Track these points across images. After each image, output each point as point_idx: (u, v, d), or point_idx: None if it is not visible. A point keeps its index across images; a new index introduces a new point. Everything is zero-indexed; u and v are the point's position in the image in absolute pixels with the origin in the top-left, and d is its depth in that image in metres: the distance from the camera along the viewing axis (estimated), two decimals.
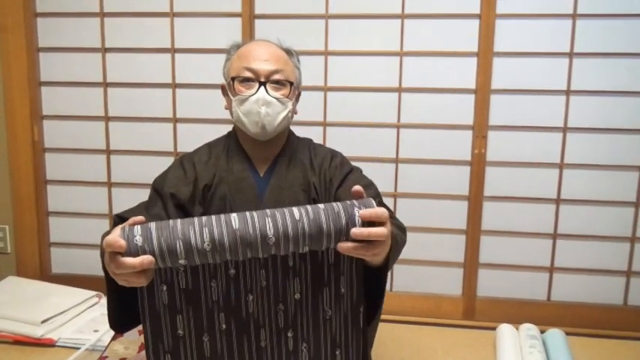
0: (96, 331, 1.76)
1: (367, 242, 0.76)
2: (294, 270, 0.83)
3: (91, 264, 2.15)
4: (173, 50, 2.03)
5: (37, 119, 2.12)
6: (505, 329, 1.81)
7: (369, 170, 1.33)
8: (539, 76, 1.89)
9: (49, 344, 1.72)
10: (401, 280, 2.07)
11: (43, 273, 2.21)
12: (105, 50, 2.06)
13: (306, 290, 0.84)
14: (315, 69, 1.97)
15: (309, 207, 0.76)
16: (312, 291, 0.84)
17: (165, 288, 0.81)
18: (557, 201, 1.95)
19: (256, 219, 0.74)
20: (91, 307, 1.95)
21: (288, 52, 1.21)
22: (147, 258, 0.72)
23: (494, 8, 1.86)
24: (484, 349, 1.81)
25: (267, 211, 0.76)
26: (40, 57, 2.10)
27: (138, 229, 0.73)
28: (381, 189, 1.96)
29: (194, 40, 2.02)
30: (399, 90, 1.96)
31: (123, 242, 0.72)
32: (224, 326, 0.84)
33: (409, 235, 1.98)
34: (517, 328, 1.84)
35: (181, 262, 0.73)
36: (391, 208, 2.01)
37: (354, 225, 0.74)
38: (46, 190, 2.19)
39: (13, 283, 2.06)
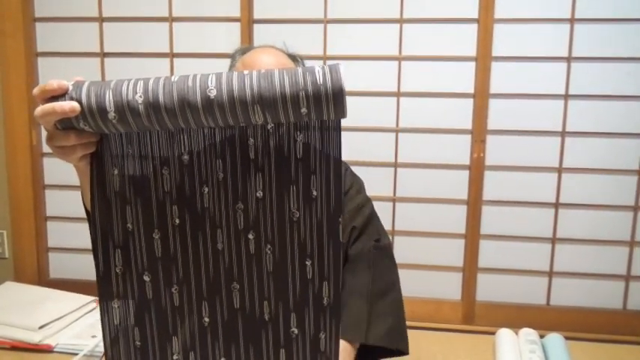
0: (94, 336, 1.76)
1: None
2: (255, 164, 0.74)
3: (90, 269, 2.14)
4: (172, 55, 2.03)
5: (35, 124, 2.11)
6: (504, 334, 1.81)
7: (367, 175, 1.33)
8: (538, 81, 1.89)
9: (46, 350, 1.71)
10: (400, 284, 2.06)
11: (41, 278, 2.20)
12: (104, 55, 2.06)
13: (270, 188, 0.74)
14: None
15: (262, 69, 0.68)
16: (277, 189, 0.74)
17: (116, 172, 0.73)
18: (556, 205, 1.95)
19: (198, 75, 0.65)
20: (89, 312, 1.94)
21: (294, 59, 1.15)
22: (70, 103, 0.63)
23: (492, 13, 1.87)
24: (483, 353, 1.80)
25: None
26: (39, 62, 2.10)
27: (73, 82, 0.67)
28: (379, 193, 1.98)
29: (193, 44, 2.02)
30: (398, 94, 1.96)
31: (54, 81, 0.65)
32: (177, 221, 0.76)
33: (408, 240, 2.01)
34: (516, 333, 1.83)
35: (111, 116, 0.64)
36: (390, 214, 2.01)
37: (315, 81, 0.64)
38: (44, 194, 2.18)
39: (10, 289, 2.05)
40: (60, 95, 0.65)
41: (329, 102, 0.65)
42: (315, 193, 0.74)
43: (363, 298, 1.06)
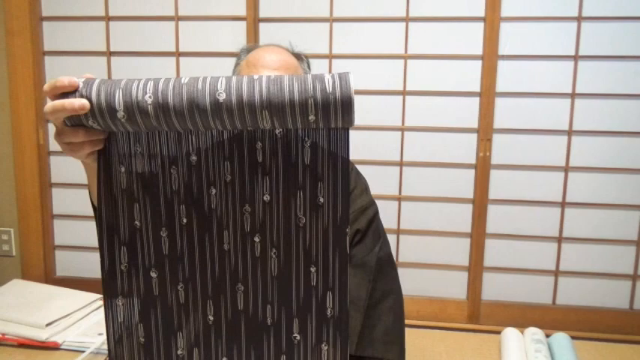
0: (100, 334, 1.77)
1: None
2: (263, 167, 0.74)
3: (96, 267, 2.16)
4: (178, 54, 2.03)
5: (42, 122, 2.12)
6: (510, 333, 1.80)
7: (373, 173, 1.33)
8: (544, 79, 1.89)
9: (53, 347, 1.72)
10: (405, 283, 2.06)
11: (48, 276, 2.21)
12: (110, 54, 2.07)
13: (277, 192, 0.75)
14: (320, 73, 1.96)
15: (271, 74, 0.68)
16: (284, 194, 0.75)
17: (123, 170, 0.74)
18: (563, 204, 1.94)
19: (208, 78, 0.66)
20: (95, 310, 1.95)
21: (299, 57, 1.15)
22: (80, 100, 0.64)
23: (498, 11, 1.86)
24: (489, 353, 1.80)
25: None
26: (46, 60, 2.11)
27: (83, 79, 0.67)
28: (385, 192, 1.98)
29: (199, 43, 2.02)
30: (404, 93, 1.96)
31: (65, 78, 0.65)
32: (184, 220, 0.76)
33: (414, 239, 2.00)
34: (522, 332, 1.83)
35: (120, 115, 0.65)
36: (395, 213, 2.01)
37: (324, 89, 0.64)
38: (51, 192, 2.19)
39: (17, 286, 2.07)
40: (70, 92, 0.65)
41: (337, 110, 0.65)
42: (321, 200, 0.74)
43: (357, 311, 1.05)
